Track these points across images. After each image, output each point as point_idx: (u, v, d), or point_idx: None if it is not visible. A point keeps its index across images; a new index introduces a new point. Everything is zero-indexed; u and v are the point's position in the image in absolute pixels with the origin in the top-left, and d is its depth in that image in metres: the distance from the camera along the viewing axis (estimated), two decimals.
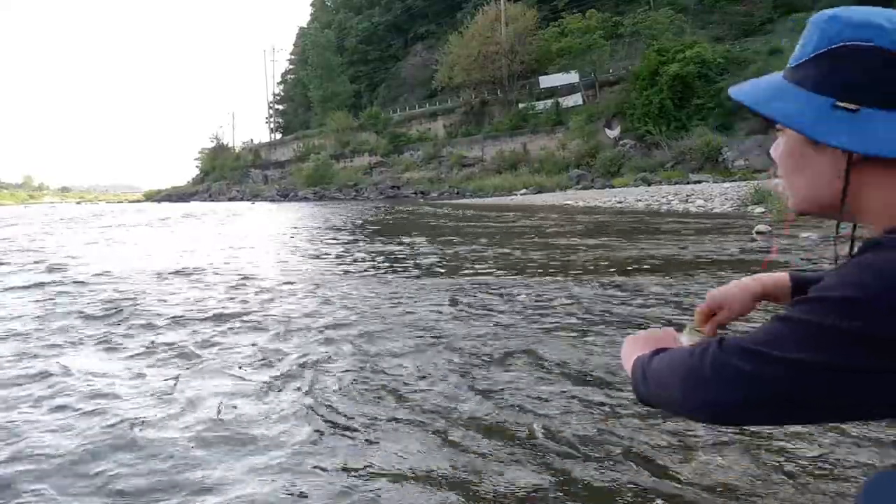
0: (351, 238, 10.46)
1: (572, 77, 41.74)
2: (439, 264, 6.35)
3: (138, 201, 64.64)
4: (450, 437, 1.99)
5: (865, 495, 0.76)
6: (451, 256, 7.05)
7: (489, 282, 5.05)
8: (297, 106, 76.02)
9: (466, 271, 5.74)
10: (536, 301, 4.14)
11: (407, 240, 9.48)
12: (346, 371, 2.74)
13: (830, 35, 0.74)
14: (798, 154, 0.80)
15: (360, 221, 15.82)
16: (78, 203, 69.50)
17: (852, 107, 0.72)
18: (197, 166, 74.22)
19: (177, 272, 6.08)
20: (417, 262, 6.67)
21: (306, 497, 1.64)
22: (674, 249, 6.76)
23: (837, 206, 0.78)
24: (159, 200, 56.37)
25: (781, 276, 1.07)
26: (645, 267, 5.58)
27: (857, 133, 0.71)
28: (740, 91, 0.84)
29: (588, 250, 7.02)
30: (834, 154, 0.74)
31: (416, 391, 2.44)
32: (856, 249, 0.72)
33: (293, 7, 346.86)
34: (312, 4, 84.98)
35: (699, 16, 40.10)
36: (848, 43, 0.72)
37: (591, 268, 5.64)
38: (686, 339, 1.06)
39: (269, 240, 10.79)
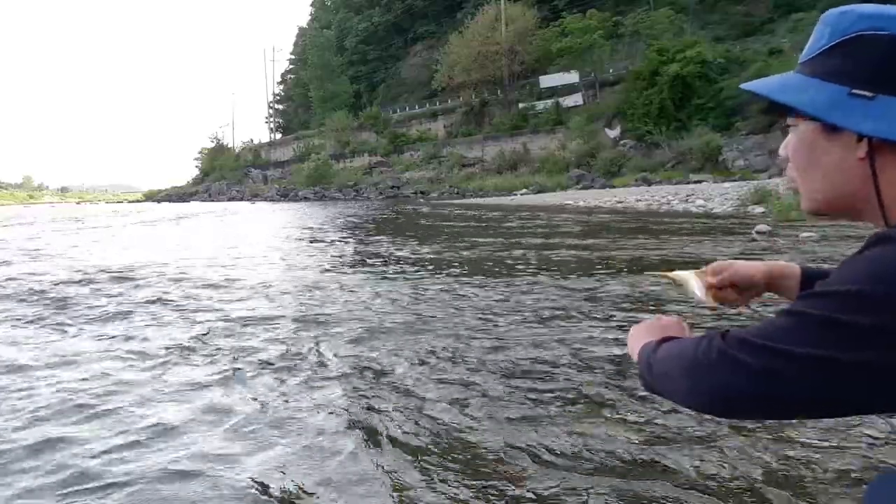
0: (350, 238, 10.46)
1: (572, 77, 41.71)
2: (439, 264, 6.36)
3: (138, 201, 64.47)
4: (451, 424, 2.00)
5: (870, 496, 0.76)
6: (451, 256, 7.06)
7: (490, 282, 5.06)
8: (297, 106, 75.92)
9: (466, 272, 5.75)
10: (536, 300, 4.15)
11: (405, 240, 9.49)
12: (347, 365, 2.75)
13: (844, 27, 0.75)
14: (812, 146, 0.79)
15: (360, 221, 15.82)
16: (78, 203, 69.43)
17: (868, 94, 0.72)
18: (197, 166, 74.15)
19: (181, 270, 6.09)
20: (416, 261, 6.68)
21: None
22: (674, 250, 6.77)
23: (850, 200, 0.77)
24: (159, 200, 56.25)
25: (792, 266, 1.06)
26: (645, 267, 5.59)
27: (875, 119, 0.71)
28: (752, 84, 0.84)
29: (588, 250, 7.03)
30: (849, 144, 0.74)
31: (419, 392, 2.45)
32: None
33: (293, 7, 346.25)
34: (312, 4, 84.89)
35: (699, 16, 40.08)
36: (863, 33, 0.73)
37: (591, 267, 5.65)
38: (691, 278, 1.08)
39: (269, 239, 10.79)
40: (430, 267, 6.14)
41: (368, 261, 6.95)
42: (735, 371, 0.70)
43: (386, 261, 6.86)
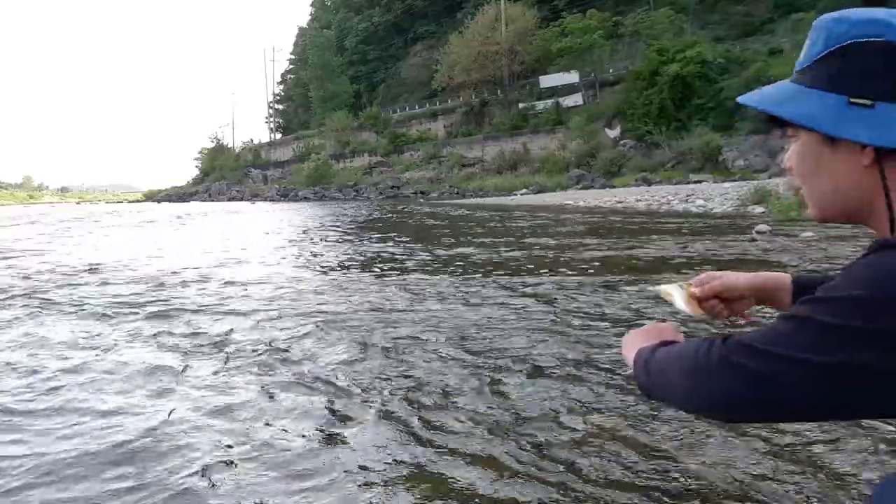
0: (351, 238, 10.46)
1: (572, 77, 41.72)
2: (438, 264, 6.36)
3: (138, 201, 64.50)
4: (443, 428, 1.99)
5: (876, 500, 0.76)
6: (451, 256, 7.05)
7: (490, 282, 5.06)
8: (297, 106, 75.94)
9: (466, 271, 5.74)
10: (536, 299, 4.14)
11: (407, 240, 9.49)
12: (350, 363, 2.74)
13: (839, 34, 0.73)
14: (815, 157, 0.78)
15: (361, 221, 15.82)
16: (78, 203, 69.42)
17: (867, 102, 0.71)
18: (197, 166, 74.23)
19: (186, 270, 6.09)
20: (417, 261, 6.67)
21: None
22: (674, 249, 6.76)
23: (857, 207, 0.76)
24: (159, 200, 56.28)
25: (783, 277, 1.05)
26: (645, 267, 5.59)
27: (876, 127, 0.70)
28: (750, 97, 0.84)
29: (588, 250, 7.02)
30: (852, 153, 0.73)
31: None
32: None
33: (293, 7, 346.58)
34: (312, 4, 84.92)
35: (699, 16, 40.07)
36: (858, 40, 0.71)
37: (591, 268, 5.64)
38: (675, 290, 1.09)
39: (267, 238, 10.79)
40: (430, 267, 6.14)
41: (369, 260, 6.94)
42: (736, 375, 0.70)
43: (385, 261, 6.85)
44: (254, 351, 3.10)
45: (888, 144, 0.70)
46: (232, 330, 3.55)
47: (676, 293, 1.08)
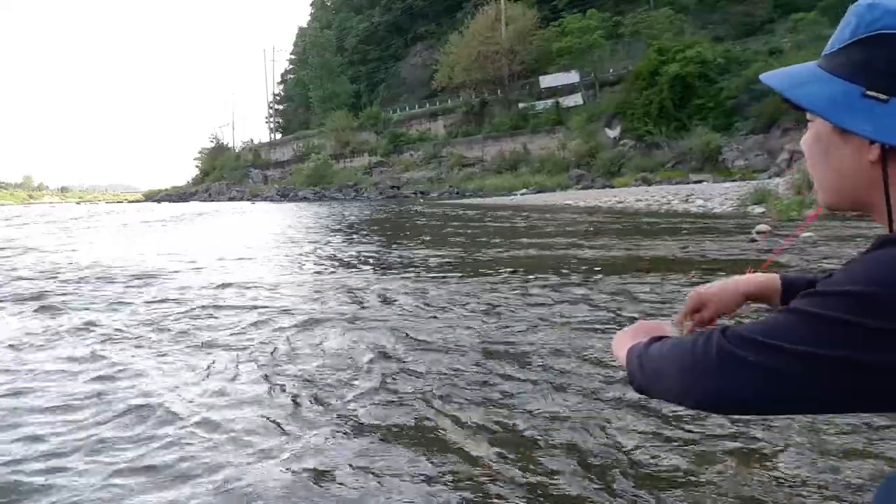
0: (352, 238, 10.46)
1: (572, 77, 41.79)
2: (437, 264, 6.36)
3: (138, 201, 64.58)
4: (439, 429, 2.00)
5: (878, 500, 0.75)
6: (449, 256, 7.06)
7: (490, 282, 5.06)
8: (297, 106, 75.99)
9: (462, 272, 5.74)
10: (537, 300, 4.14)
11: (407, 240, 9.48)
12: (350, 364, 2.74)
13: (868, 21, 0.70)
14: (825, 142, 0.77)
15: (361, 221, 15.82)
16: (78, 203, 69.45)
17: (882, 96, 0.68)
18: (197, 166, 74.32)
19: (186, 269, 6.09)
20: (416, 262, 6.67)
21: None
22: (674, 249, 6.76)
23: (861, 199, 0.75)
24: (159, 200, 56.35)
25: (772, 277, 1.05)
26: (644, 267, 5.58)
27: (884, 123, 0.68)
28: (770, 76, 0.82)
29: (588, 250, 7.02)
30: (860, 145, 0.71)
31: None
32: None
33: (293, 7, 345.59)
34: (312, 4, 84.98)
35: (699, 16, 40.13)
36: (885, 31, 0.69)
37: (591, 268, 5.64)
38: (669, 330, 1.05)
39: (266, 237, 10.80)
40: (430, 267, 6.14)
41: (371, 261, 6.94)
42: (736, 368, 0.69)
43: (386, 261, 6.86)
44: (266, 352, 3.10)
45: (893, 142, 0.68)
46: (251, 326, 3.56)
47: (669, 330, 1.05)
